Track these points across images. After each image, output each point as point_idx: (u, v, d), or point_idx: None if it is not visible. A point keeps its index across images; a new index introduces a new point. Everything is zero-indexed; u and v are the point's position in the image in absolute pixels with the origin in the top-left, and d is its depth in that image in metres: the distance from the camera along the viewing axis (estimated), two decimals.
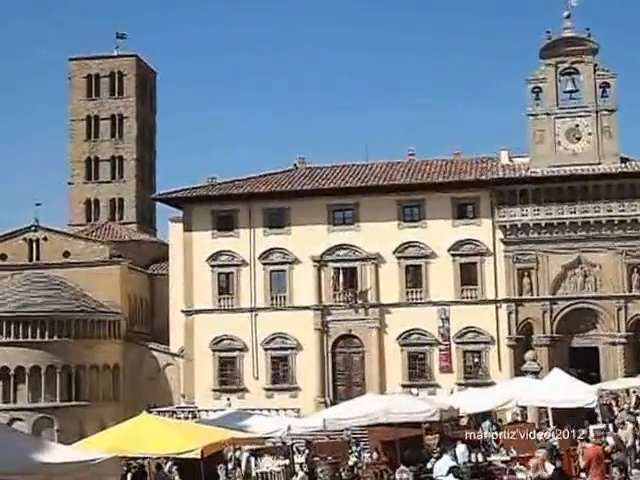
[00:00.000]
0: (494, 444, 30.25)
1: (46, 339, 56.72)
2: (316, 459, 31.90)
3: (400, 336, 55.10)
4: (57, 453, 15.25)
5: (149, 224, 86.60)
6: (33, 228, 64.36)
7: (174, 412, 50.94)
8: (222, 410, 42.92)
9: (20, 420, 54.16)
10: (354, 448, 35.13)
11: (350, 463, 31.35)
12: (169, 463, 28.45)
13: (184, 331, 58.10)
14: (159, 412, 44.86)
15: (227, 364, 56.98)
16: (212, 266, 57.42)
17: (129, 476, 28.34)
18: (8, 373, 56.27)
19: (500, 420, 37.39)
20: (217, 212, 58.13)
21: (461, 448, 26.28)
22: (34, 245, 63.69)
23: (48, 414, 55.73)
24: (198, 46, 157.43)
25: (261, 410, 42.65)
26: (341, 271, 55.70)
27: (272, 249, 56.78)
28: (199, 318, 57.33)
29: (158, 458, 27.83)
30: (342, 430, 35.10)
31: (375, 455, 30.66)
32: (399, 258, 55.61)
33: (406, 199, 56.17)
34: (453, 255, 55.14)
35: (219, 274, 57.51)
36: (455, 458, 23.82)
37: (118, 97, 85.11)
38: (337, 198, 56.77)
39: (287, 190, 57.47)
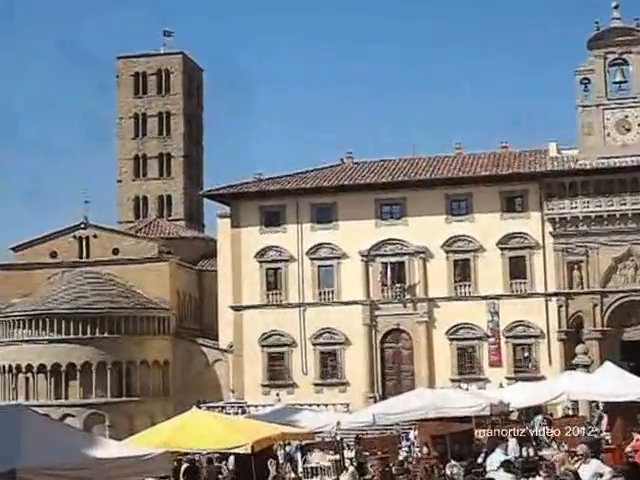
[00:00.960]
0: (545, 439, 30.00)
1: (97, 335, 57.25)
2: (366, 454, 31.86)
3: (449, 330, 54.87)
4: (109, 448, 15.38)
5: (197, 220, 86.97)
6: (83, 226, 64.94)
7: (223, 407, 51.20)
8: (271, 405, 43.09)
9: (72, 416, 54.70)
10: (404, 443, 35.05)
11: (400, 458, 31.29)
12: (231, 458, 28.55)
13: (233, 327, 58.35)
14: (208, 407, 45.12)
15: (276, 359, 57.15)
16: (260, 262, 57.60)
17: (181, 471, 28.54)
18: (60, 370, 56.87)
19: (551, 414, 37.09)
20: (264, 208, 58.29)
21: (512, 443, 26.10)
22: (84, 243, 64.28)
23: (99, 410, 56.25)
24: (244, 41, 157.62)
25: (310, 405, 42.73)
26: (389, 266, 55.58)
27: (320, 244, 56.82)
28: (247, 314, 57.54)
29: (209, 453, 28.01)
30: (392, 425, 35.00)
31: (425, 450, 30.51)
32: (447, 252, 55.36)
33: (454, 193, 55.90)
34: (502, 249, 54.76)
35: (267, 270, 57.66)
36: (506, 453, 23.64)
37: (165, 94, 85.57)
38: (384, 192, 56.66)
39: (334, 185, 57.46)
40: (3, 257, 66.64)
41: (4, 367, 58.31)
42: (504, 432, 27.97)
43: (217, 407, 49.73)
